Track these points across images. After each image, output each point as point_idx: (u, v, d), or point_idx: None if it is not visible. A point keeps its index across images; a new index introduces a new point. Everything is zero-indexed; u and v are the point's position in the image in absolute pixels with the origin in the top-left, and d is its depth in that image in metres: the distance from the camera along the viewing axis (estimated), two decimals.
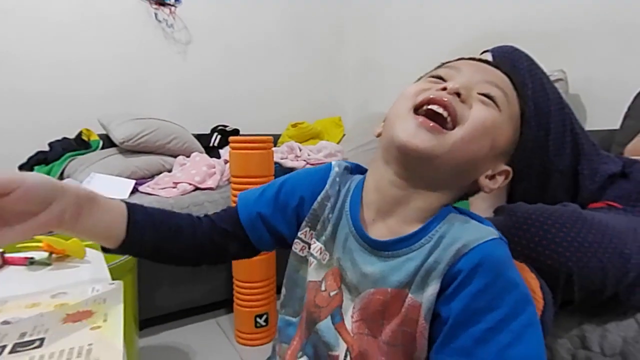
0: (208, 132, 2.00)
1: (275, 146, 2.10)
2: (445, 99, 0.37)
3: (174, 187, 1.39)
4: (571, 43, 1.35)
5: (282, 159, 1.68)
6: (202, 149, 1.74)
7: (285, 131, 2.19)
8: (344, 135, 2.23)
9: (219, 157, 1.73)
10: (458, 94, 0.38)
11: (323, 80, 2.46)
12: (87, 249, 0.53)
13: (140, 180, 1.46)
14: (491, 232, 0.35)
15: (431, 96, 0.38)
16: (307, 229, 0.45)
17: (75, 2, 1.73)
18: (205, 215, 0.49)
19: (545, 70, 1.36)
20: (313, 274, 0.43)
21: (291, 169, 1.65)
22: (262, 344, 1.23)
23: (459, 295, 0.33)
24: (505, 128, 0.40)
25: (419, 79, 0.47)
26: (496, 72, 0.42)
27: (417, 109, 0.39)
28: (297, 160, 1.73)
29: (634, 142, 0.84)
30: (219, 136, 1.92)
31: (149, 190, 1.36)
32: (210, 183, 1.42)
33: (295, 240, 0.46)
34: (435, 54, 1.86)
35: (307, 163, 1.72)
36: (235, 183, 1.15)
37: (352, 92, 2.47)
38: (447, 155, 0.36)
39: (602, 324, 0.51)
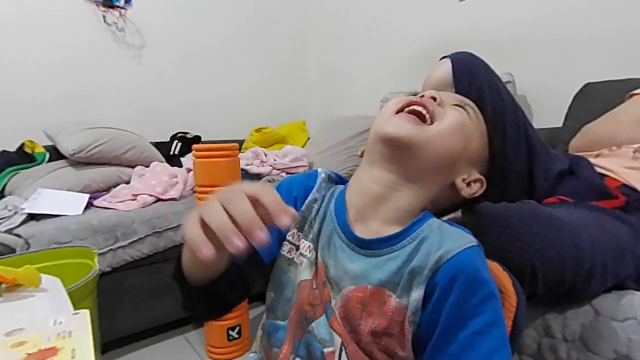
0: (168, 140, 1.92)
1: (239, 152, 2.07)
2: (425, 101, 0.42)
3: (133, 200, 1.31)
4: (518, 50, 1.45)
5: (247, 165, 1.65)
6: (163, 159, 1.66)
7: (249, 137, 2.16)
8: (308, 139, 2.24)
9: (181, 166, 1.66)
10: (434, 99, 0.43)
11: (286, 85, 2.45)
12: (43, 276, 0.48)
13: (96, 194, 1.36)
14: (469, 240, 0.38)
15: (412, 100, 0.43)
16: (295, 231, 0.45)
17: (14, 1, 1.59)
18: None
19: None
20: (305, 273, 0.43)
21: (258, 175, 1.62)
22: (235, 357, 1.19)
23: (444, 306, 0.35)
24: (476, 137, 0.44)
25: None
26: (464, 98, 0.48)
27: (399, 112, 0.43)
28: (264, 166, 1.71)
29: (576, 139, 0.91)
30: (179, 144, 1.85)
31: (105, 204, 1.28)
32: (173, 194, 1.37)
33: (284, 243, 0.45)
34: (394, 60, 1.94)
35: (274, 168, 1.70)
36: (200, 193, 1.11)
37: (316, 97, 2.48)
38: (427, 145, 0.40)
39: (563, 313, 0.55)
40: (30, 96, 1.64)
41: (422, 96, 0.44)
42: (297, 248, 0.45)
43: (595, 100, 1.09)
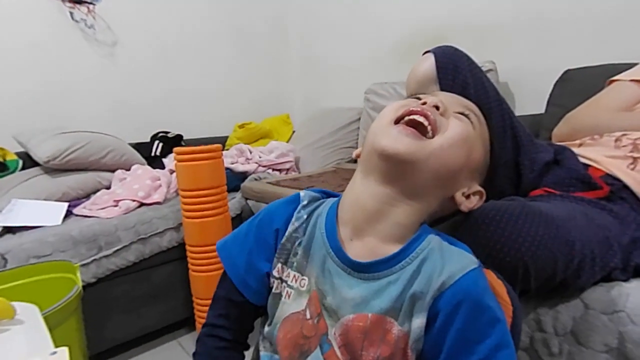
0: (148, 140, 1.86)
1: (223, 149, 2.03)
2: (426, 110, 0.39)
3: (115, 206, 1.27)
4: (499, 36, 1.45)
5: (232, 163, 1.62)
6: (144, 160, 1.61)
7: (232, 133, 2.11)
8: (293, 132, 2.21)
9: (163, 167, 1.62)
10: (437, 108, 0.40)
11: (268, 78, 2.40)
12: (18, 304, 0.45)
13: (74, 201, 1.31)
14: (471, 261, 0.37)
15: (412, 108, 0.40)
16: (279, 265, 0.43)
17: None
18: (214, 327, 0.47)
19: (477, 61, 1.45)
20: (293, 305, 0.41)
21: (243, 174, 1.59)
22: None
23: (448, 332, 0.34)
24: (478, 147, 0.43)
25: None
26: (467, 100, 0.46)
27: (398, 121, 0.40)
28: (249, 163, 1.68)
29: (558, 128, 0.92)
30: (160, 144, 1.79)
31: (85, 212, 1.23)
32: (156, 197, 1.33)
33: (271, 280, 0.44)
34: (376, 49, 1.92)
35: (259, 165, 1.67)
36: (184, 197, 1.08)
37: (299, 89, 2.44)
38: (427, 160, 0.38)
39: (553, 307, 0.55)
40: None
41: (424, 103, 0.41)
42: (283, 281, 0.43)
43: (576, 86, 1.10)
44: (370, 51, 1.96)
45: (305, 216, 0.44)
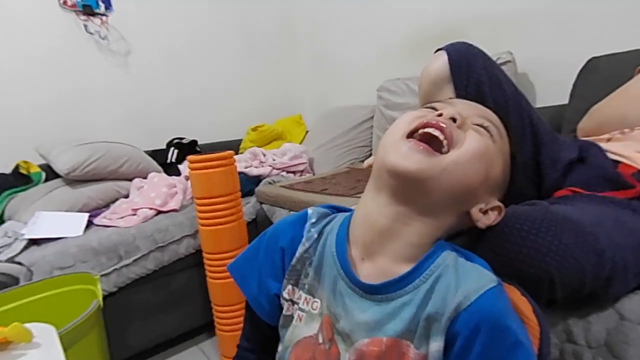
0: (164, 146, 1.89)
1: (237, 153, 2.04)
2: (442, 123, 0.37)
3: (133, 215, 1.29)
4: (516, 25, 1.38)
5: (246, 167, 1.63)
6: (160, 168, 1.64)
7: (246, 136, 2.12)
8: (306, 132, 2.20)
9: (179, 173, 1.64)
10: (454, 120, 0.38)
11: (278, 79, 2.40)
12: (34, 325, 0.46)
13: (95, 211, 1.35)
14: (489, 279, 0.34)
15: (427, 120, 0.37)
16: (290, 286, 0.42)
17: None
18: (242, 349, 0.48)
19: (494, 53, 1.39)
20: (305, 329, 0.40)
21: (257, 177, 1.59)
22: None
23: (468, 357, 0.32)
24: (498, 162, 0.40)
25: None
26: (486, 109, 0.43)
27: (411, 134, 0.38)
28: (263, 166, 1.68)
29: (583, 122, 0.87)
30: (176, 151, 1.81)
31: (105, 222, 1.26)
32: (173, 205, 1.34)
33: (282, 302, 0.42)
34: (387, 43, 1.88)
35: (273, 168, 1.67)
36: (199, 205, 1.08)
37: (310, 88, 2.43)
38: (440, 177, 0.35)
39: (584, 317, 0.52)
40: (17, 114, 1.60)
41: (440, 114, 0.38)
42: (294, 303, 0.42)
43: (601, 75, 1.04)
44: (381, 46, 1.91)
45: (315, 235, 0.42)
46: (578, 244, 0.46)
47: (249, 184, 1.52)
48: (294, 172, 1.72)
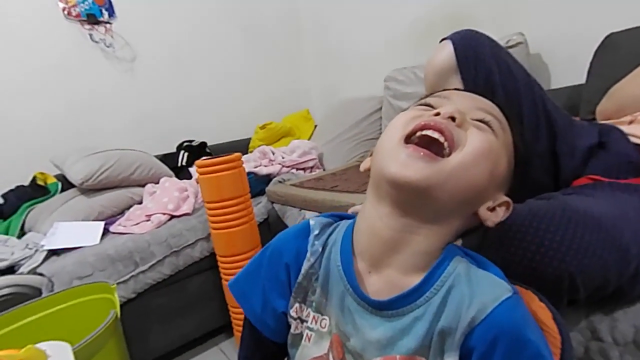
0: (174, 149, 1.90)
1: (246, 152, 2.04)
2: (440, 123, 0.34)
3: (147, 220, 1.31)
4: (527, 2, 1.32)
5: (256, 167, 1.62)
6: (171, 172, 1.65)
7: (254, 135, 2.12)
8: (315, 127, 2.18)
9: (190, 176, 1.65)
10: (453, 119, 0.35)
11: (284, 75, 2.37)
12: (49, 344, 0.46)
13: (110, 219, 1.37)
14: (504, 289, 0.32)
15: (424, 122, 0.35)
16: (297, 304, 0.41)
17: None
18: None
19: (504, 35, 1.33)
20: (314, 349, 0.39)
21: (267, 176, 1.59)
22: None
23: None
24: (502, 155, 0.37)
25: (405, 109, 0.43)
26: (486, 100, 0.40)
27: (409, 138, 0.35)
28: (272, 165, 1.67)
29: (602, 104, 0.82)
30: (186, 154, 1.82)
31: (120, 229, 1.28)
32: (185, 209, 1.35)
33: (289, 320, 0.41)
34: (392, 31, 1.83)
35: (283, 166, 1.66)
36: (209, 209, 1.09)
37: (316, 82, 2.40)
38: (445, 184, 0.33)
39: (610, 314, 0.49)
40: (31, 126, 1.63)
41: (437, 113, 0.36)
42: (303, 321, 0.40)
43: (621, 52, 0.98)
44: (387, 35, 1.87)
45: (320, 249, 0.41)
46: (600, 240, 0.44)
47: (259, 183, 1.51)
48: (304, 169, 1.71)
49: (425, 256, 0.36)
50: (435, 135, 0.34)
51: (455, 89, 0.44)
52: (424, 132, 0.35)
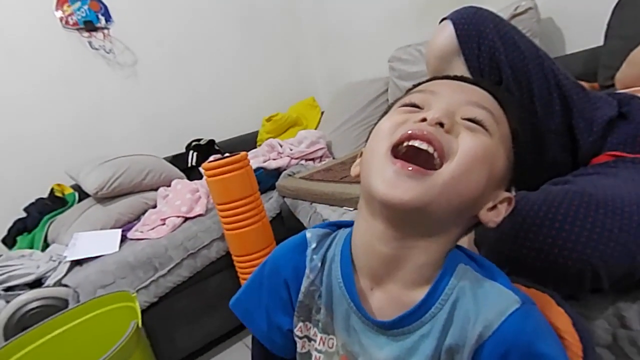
0: (183, 150, 1.91)
1: (255, 145, 2.03)
2: (427, 132, 0.31)
3: (163, 224, 1.33)
4: None
5: (265, 161, 1.61)
6: (181, 174, 1.66)
7: (261, 128, 2.10)
8: (322, 113, 2.14)
9: (201, 176, 1.65)
10: (441, 124, 0.32)
11: (286, 63, 2.33)
12: None
13: (127, 225, 1.40)
14: (512, 301, 0.30)
15: (410, 131, 0.32)
16: (301, 323, 0.40)
17: None
18: None
19: (512, 1, 1.25)
20: None
21: (277, 170, 1.58)
22: None
23: None
24: (499, 153, 0.34)
25: (390, 106, 0.40)
26: (477, 90, 0.36)
27: (396, 147, 0.33)
28: (281, 157, 1.66)
29: (621, 71, 0.76)
30: (195, 154, 1.83)
31: (138, 234, 1.30)
32: (198, 210, 1.36)
33: (295, 339, 0.41)
34: (393, 7, 1.75)
35: (292, 158, 1.65)
36: (220, 210, 1.09)
37: (319, 67, 2.35)
38: (439, 199, 0.31)
39: (638, 300, 0.47)
40: (43, 139, 1.66)
41: (424, 119, 0.33)
42: (310, 339, 0.39)
43: None
44: (387, 11, 1.79)
45: (319, 264, 0.39)
46: (624, 227, 0.41)
47: (269, 178, 1.51)
48: (313, 159, 1.69)
49: (427, 268, 0.34)
50: (424, 146, 0.31)
51: (445, 77, 0.40)
52: (411, 143, 0.32)
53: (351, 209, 1.02)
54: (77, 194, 1.59)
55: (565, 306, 0.33)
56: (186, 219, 1.34)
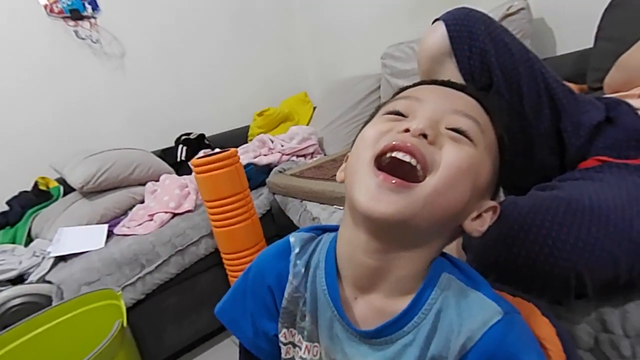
0: (172, 143, 1.88)
1: (246, 140, 2.01)
2: (410, 144, 0.31)
3: (150, 220, 1.31)
4: None
5: (255, 157, 1.60)
6: (170, 168, 1.64)
7: (252, 122, 2.08)
8: (314, 109, 2.13)
9: (190, 171, 1.63)
10: (424, 135, 0.32)
11: (278, 57, 2.30)
12: None
13: (113, 220, 1.37)
14: (494, 312, 0.30)
15: (394, 142, 0.32)
16: (285, 329, 0.39)
17: None
18: None
19: (505, 1, 1.25)
20: None
21: (268, 166, 1.57)
22: None
23: None
24: (485, 163, 0.34)
25: (377, 109, 0.39)
26: (463, 97, 0.36)
27: (379, 157, 0.32)
28: (272, 153, 1.65)
29: (610, 75, 0.76)
30: (184, 148, 1.80)
31: (124, 230, 1.28)
32: (187, 206, 1.34)
33: (280, 346, 0.40)
34: (387, 7, 1.74)
35: (283, 154, 1.64)
36: (209, 207, 1.08)
37: (311, 62, 2.33)
38: (422, 212, 0.30)
39: (620, 306, 0.47)
40: (27, 131, 1.61)
41: (407, 129, 0.32)
42: (295, 346, 0.39)
43: (631, 12, 0.91)
44: (381, 8, 1.78)
45: (302, 269, 0.39)
46: (609, 233, 0.41)
47: (260, 174, 1.49)
48: (304, 156, 1.68)
49: (411, 278, 0.34)
50: (407, 158, 0.31)
51: (432, 82, 0.39)
52: (395, 155, 0.32)
53: (341, 207, 1.01)
54: (62, 188, 1.56)
55: (550, 316, 0.33)
56: (174, 214, 1.32)
